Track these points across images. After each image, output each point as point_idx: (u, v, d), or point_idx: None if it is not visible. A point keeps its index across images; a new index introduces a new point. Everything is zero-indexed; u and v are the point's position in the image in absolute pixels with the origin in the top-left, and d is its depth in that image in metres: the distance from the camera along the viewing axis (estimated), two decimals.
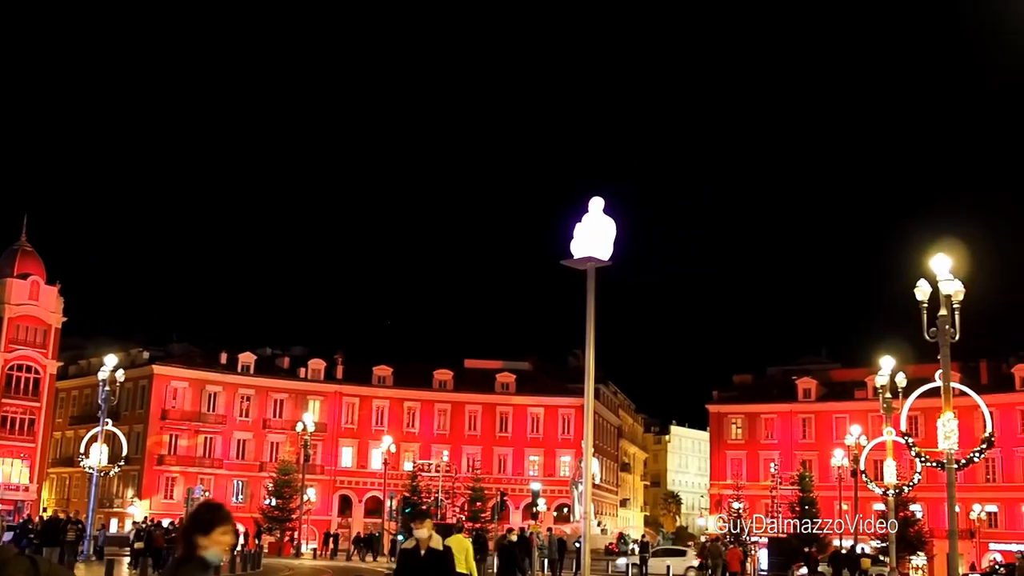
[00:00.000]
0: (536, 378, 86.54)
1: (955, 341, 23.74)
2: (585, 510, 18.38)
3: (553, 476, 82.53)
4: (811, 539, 62.88)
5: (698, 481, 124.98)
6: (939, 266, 22.74)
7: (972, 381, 59.82)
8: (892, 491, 39.84)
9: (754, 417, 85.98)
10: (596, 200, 18.73)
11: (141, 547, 36.67)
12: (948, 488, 25.58)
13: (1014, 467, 73.77)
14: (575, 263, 18.62)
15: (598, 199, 18.66)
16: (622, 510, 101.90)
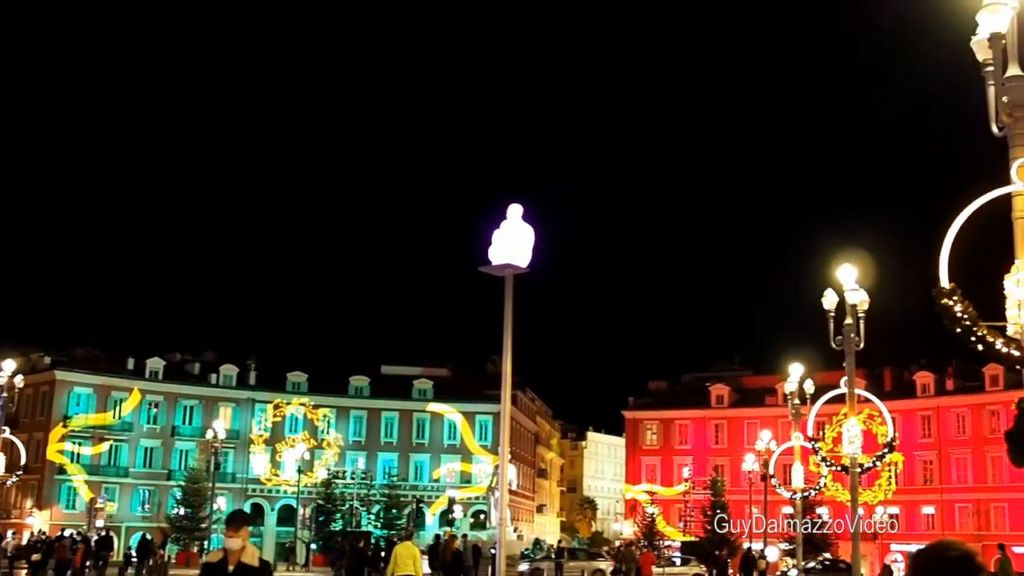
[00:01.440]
0: (454, 384, 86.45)
1: (860, 349, 24.43)
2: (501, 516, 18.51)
3: (470, 483, 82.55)
4: (722, 542, 64.01)
5: (614, 486, 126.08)
6: (845, 276, 23.38)
7: (876, 388, 61.52)
8: (799, 494, 40.79)
9: (669, 423, 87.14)
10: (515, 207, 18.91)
11: (39, 559, 35.78)
12: (852, 491, 26.31)
13: (915, 471, 75.92)
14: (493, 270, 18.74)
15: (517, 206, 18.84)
16: (538, 516, 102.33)
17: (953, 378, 75.41)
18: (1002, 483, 69.57)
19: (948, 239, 11.05)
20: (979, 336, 10.74)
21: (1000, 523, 70.01)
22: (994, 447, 66.80)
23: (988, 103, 11.23)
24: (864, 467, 28.31)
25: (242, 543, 7.67)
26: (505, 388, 19.40)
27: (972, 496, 72.81)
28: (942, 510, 74.46)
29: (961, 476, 74.17)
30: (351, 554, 23.96)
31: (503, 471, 20.06)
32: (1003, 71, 11.11)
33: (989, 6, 10.98)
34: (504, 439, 22.28)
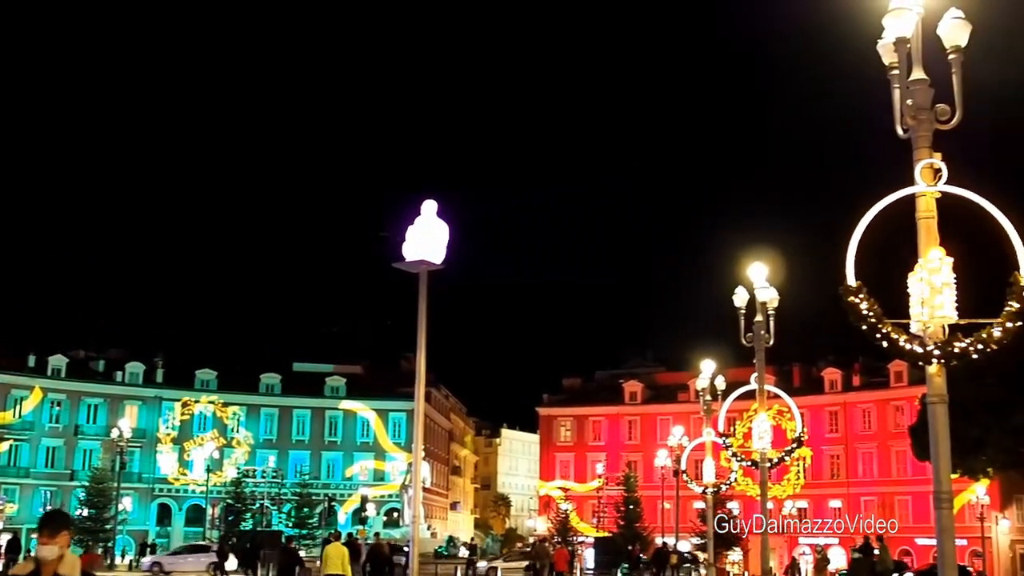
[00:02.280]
0: (367, 382, 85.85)
1: (770, 346, 24.82)
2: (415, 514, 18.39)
3: (383, 481, 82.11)
4: (635, 537, 64.66)
5: (528, 483, 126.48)
6: (755, 274, 23.74)
7: (786, 384, 62.67)
8: (711, 489, 41.37)
9: (582, 419, 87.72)
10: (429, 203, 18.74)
11: None
12: (761, 486, 26.74)
13: (822, 465, 77.60)
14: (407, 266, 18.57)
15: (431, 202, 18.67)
16: (452, 513, 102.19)
17: (859, 374, 77.27)
18: (906, 476, 71.42)
19: (855, 238, 11.24)
20: (884, 333, 10.94)
21: (904, 515, 71.91)
22: (898, 441, 68.61)
23: (893, 106, 11.44)
24: (773, 462, 28.81)
25: (59, 551, 6.07)
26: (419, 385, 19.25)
27: (877, 489, 74.66)
28: (848, 503, 76.21)
29: (867, 470, 76.00)
30: (282, 555, 24.08)
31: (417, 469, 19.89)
32: (908, 74, 11.32)
33: (895, 10, 11.18)
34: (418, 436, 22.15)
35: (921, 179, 11.12)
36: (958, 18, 11.21)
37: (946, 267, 10.91)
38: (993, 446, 49.88)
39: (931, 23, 11.41)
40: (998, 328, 10.80)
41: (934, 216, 11.24)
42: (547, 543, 49.04)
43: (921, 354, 10.93)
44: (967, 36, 11.18)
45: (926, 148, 11.19)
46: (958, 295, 10.90)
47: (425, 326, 18.12)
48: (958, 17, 11.21)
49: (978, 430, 47.41)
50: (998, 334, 10.80)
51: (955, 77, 11.12)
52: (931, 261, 10.94)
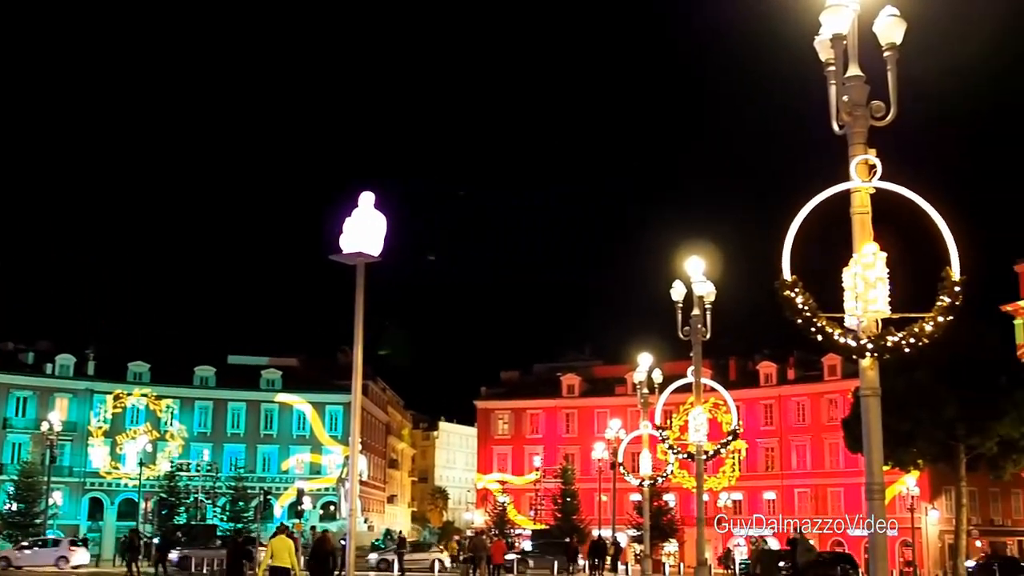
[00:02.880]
0: (303, 374, 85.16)
1: (707, 339, 25.05)
2: (352, 507, 18.22)
3: (320, 474, 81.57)
4: (572, 530, 65.03)
5: (465, 476, 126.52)
6: (693, 268, 23.92)
7: (722, 377, 63.32)
8: (647, 482, 41.69)
9: (520, 413, 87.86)
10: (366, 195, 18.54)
11: None
12: (697, 478, 26.98)
13: (757, 458, 78.57)
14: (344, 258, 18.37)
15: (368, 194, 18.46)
16: (389, 507, 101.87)
17: (794, 368, 78.28)
18: (838, 468, 72.58)
19: (790, 233, 11.34)
20: (819, 327, 11.06)
21: (836, 507, 73.03)
22: (831, 434, 69.65)
23: (830, 102, 11.55)
24: (709, 454, 29.09)
25: None
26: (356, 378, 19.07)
27: (811, 481, 75.76)
28: (782, 495, 77.26)
29: (801, 462, 77.08)
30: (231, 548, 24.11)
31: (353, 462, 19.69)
32: (844, 71, 11.44)
33: (831, 7, 11.28)
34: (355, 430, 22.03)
35: (856, 175, 11.25)
36: (893, 15, 11.34)
37: (880, 262, 11.05)
38: (924, 438, 50.73)
39: (868, 20, 11.54)
40: (930, 323, 10.97)
41: (868, 211, 11.37)
42: (484, 536, 49.13)
43: (854, 348, 11.07)
44: (902, 33, 11.32)
45: (861, 144, 11.32)
46: (891, 290, 11.05)
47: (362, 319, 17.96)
48: (893, 15, 11.34)
49: (909, 423, 48.17)
50: (930, 328, 10.97)
51: (890, 74, 11.25)
52: (865, 256, 11.08)
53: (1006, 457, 52.13)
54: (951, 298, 10.93)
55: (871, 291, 10.96)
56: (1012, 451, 51.34)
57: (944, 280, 11.00)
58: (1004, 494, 69.48)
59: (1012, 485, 66.40)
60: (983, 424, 49.43)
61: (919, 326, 11.00)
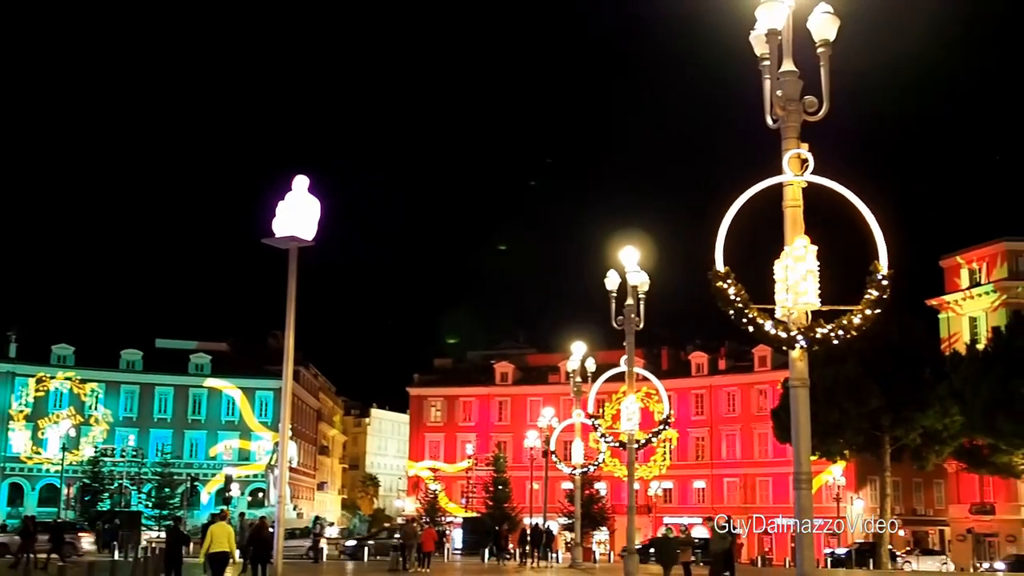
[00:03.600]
0: (233, 359, 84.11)
1: (640, 329, 25.24)
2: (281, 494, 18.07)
3: (248, 460, 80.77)
4: (503, 517, 65.13)
5: (397, 463, 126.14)
6: (627, 258, 24.06)
7: (654, 367, 63.88)
8: (579, 470, 41.96)
9: (453, 400, 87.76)
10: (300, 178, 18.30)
11: None
12: (628, 466, 27.17)
13: (688, 447, 79.40)
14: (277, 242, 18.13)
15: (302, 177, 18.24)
16: (319, 494, 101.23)
17: (725, 358, 79.16)
18: (767, 458, 73.59)
19: (724, 225, 11.43)
20: (750, 318, 11.18)
21: (764, 496, 74.09)
22: (761, 424, 70.59)
23: (764, 96, 11.66)
24: (641, 443, 29.36)
25: None
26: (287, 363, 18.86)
27: (740, 471, 76.75)
28: (712, 484, 78.18)
29: (730, 451, 78.01)
30: (170, 535, 24.19)
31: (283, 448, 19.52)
32: (778, 66, 11.54)
33: (767, 3, 11.36)
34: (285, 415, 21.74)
35: (788, 168, 11.37)
36: (827, 12, 11.48)
37: (810, 255, 11.20)
38: (851, 429, 51.77)
39: (802, 17, 11.65)
40: (858, 315, 11.15)
41: (800, 205, 11.51)
42: (415, 523, 49.01)
43: (785, 339, 11.21)
44: (835, 30, 11.46)
45: (794, 138, 11.45)
46: (821, 282, 11.21)
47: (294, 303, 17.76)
48: (827, 12, 11.48)
49: (837, 413, 49.11)
50: (858, 321, 11.15)
51: (823, 70, 11.39)
52: (796, 249, 11.22)
53: (929, 448, 53.41)
54: (879, 291, 11.11)
55: (801, 283, 11.11)
56: (935, 442, 52.62)
57: (872, 274, 11.19)
58: (927, 484, 71.03)
59: (934, 475, 67.99)
60: (908, 416, 50.57)
61: (847, 318, 11.17)
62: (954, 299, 70.04)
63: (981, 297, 68.02)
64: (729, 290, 11.15)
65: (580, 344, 37.92)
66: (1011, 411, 41.44)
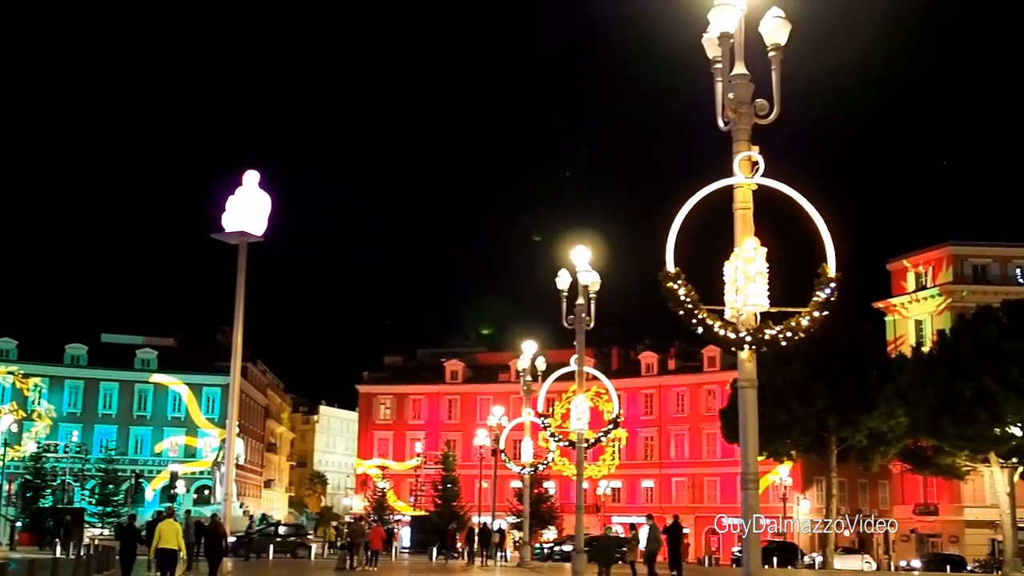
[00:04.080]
0: (180, 355, 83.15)
1: (590, 329, 25.33)
2: (227, 491, 17.90)
3: (195, 457, 79.93)
4: (452, 516, 65.07)
5: (345, 461, 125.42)
6: (578, 258, 24.12)
7: (604, 366, 64.07)
8: (528, 469, 42.04)
9: (403, 398, 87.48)
10: (251, 174, 18.12)
11: None
12: (578, 465, 27.25)
13: (637, 446, 79.77)
14: (226, 237, 17.94)
15: (253, 173, 18.07)
16: (266, 491, 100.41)
17: (675, 358, 79.65)
18: (715, 458, 74.11)
19: (675, 226, 11.49)
20: (700, 319, 11.25)
21: (712, 496, 74.65)
22: (710, 424, 71.06)
23: (716, 99, 11.73)
24: (590, 442, 29.45)
25: None
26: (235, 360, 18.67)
27: (688, 471, 77.23)
28: (661, 484, 78.60)
29: (679, 451, 78.45)
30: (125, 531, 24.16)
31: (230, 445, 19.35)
32: (730, 69, 11.61)
33: (719, 6, 11.42)
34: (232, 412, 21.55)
35: (739, 171, 11.45)
36: (779, 17, 11.56)
37: (760, 257, 11.28)
38: (798, 429, 52.33)
39: (754, 20, 11.73)
40: (806, 317, 11.26)
41: (750, 207, 11.60)
42: (363, 521, 48.81)
43: (734, 340, 11.29)
44: (787, 34, 11.54)
45: (745, 141, 11.52)
46: (770, 284, 11.30)
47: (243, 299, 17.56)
48: (779, 16, 11.56)
49: (784, 414, 49.61)
50: (806, 323, 11.25)
51: (774, 74, 11.47)
52: (746, 250, 11.30)
53: (874, 449, 54.16)
54: (826, 294, 11.23)
55: (751, 285, 11.19)
56: (880, 443, 53.36)
57: (820, 276, 11.30)
58: (872, 485, 71.95)
59: (879, 476, 68.95)
60: (854, 417, 51.23)
61: (796, 320, 11.27)
62: (900, 302, 71.08)
63: (927, 300, 69.10)
64: (679, 291, 11.21)
65: (531, 343, 37.97)
66: (955, 413, 42.08)
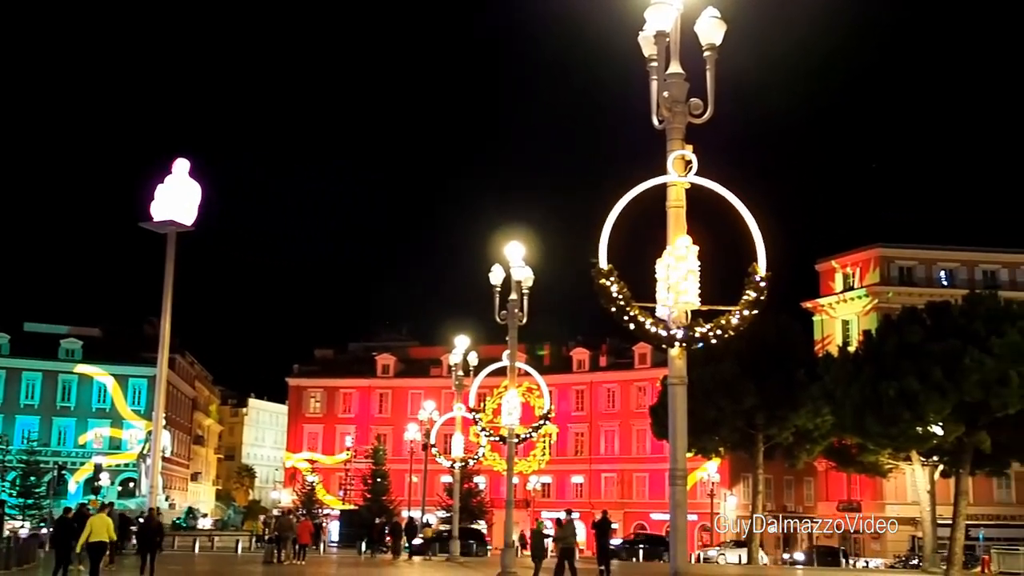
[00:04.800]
0: (106, 345, 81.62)
1: (523, 324, 25.34)
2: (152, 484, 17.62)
3: (120, 449, 78.56)
4: (381, 510, 64.78)
5: (274, 454, 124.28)
6: (512, 254, 24.11)
7: (536, 362, 64.23)
8: (459, 464, 42.01)
9: (333, 391, 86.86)
10: (181, 162, 17.81)
11: None
12: (508, 461, 27.27)
13: (567, 442, 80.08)
14: (155, 226, 17.62)
15: (183, 161, 17.74)
16: (193, 484, 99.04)
17: (606, 355, 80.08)
18: (644, 454, 74.69)
19: (608, 223, 11.51)
20: (631, 316, 11.28)
21: (641, 491, 75.27)
22: (640, 421, 71.57)
23: (651, 97, 11.76)
24: (521, 438, 29.51)
25: None
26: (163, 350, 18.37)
27: (618, 466, 77.73)
28: (590, 479, 79.01)
29: (609, 447, 78.95)
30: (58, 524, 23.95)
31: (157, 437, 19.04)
32: (666, 67, 11.66)
33: (656, 4, 11.46)
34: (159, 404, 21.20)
35: (673, 169, 11.50)
36: (715, 17, 11.62)
37: (692, 255, 11.35)
38: (726, 427, 52.91)
39: (690, 20, 11.79)
40: (736, 315, 11.36)
41: (683, 205, 11.66)
42: (291, 515, 48.36)
43: (665, 337, 11.35)
44: (722, 35, 11.61)
45: (679, 140, 11.57)
46: (702, 282, 11.38)
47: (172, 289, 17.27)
48: (714, 16, 11.62)
49: (713, 411, 50.12)
50: (735, 321, 11.35)
51: (709, 74, 11.54)
52: (678, 248, 11.36)
53: (800, 446, 54.98)
54: (756, 293, 11.33)
55: (682, 283, 11.25)
56: (806, 441, 54.18)
57: (751, 275, 11.40)
58: (797, 482, 73.11)
59: (804, 473, 70.06)
60: (781, 415, 51.95)
61: (726, 318, 11.36)
62: (828, 302, 72.25)
63: (854, 301, 70.33)
64: (612, 287, 11.23)
65: (463, 338, 37.92)
66: (879, 412, 42.85)
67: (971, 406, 40.17)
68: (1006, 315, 42.58)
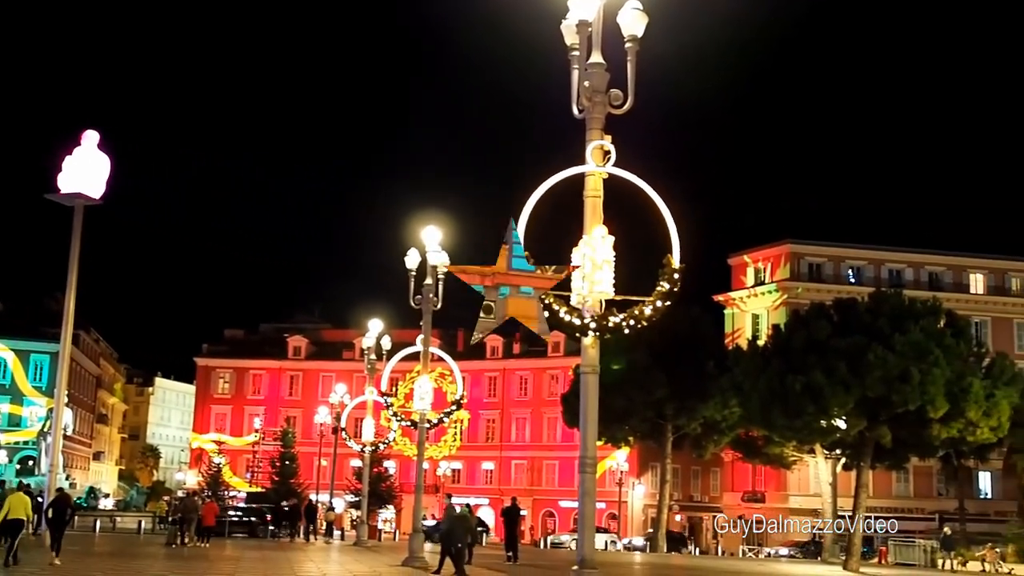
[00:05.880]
0: (6, 320, 79.30)
1: (437, 309, 25.26)
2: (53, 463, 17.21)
3: (19, 427, 76.49)
4: (289, 493, 64.19)
5: (180, 435, 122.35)
6: (428, 238, 24.01)
7: (450, 348, 64.11)
8: (369, 448, 41.81)
9: (243, 372, 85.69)
10: (90, 133, 17.36)
11: None
12: (419, 446, 27.22)
13: (479, 429, 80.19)
14: (61, 199, 17.15)
15: (93, 132, 17.31)
16: (95, 463, 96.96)
17: (520, 342, 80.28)
18: (555, 442, 75.18)
19: (526, 210, 11.53)
20: (546, 304, 11.32)
21: (551, 479, 75.77)
22: (551, 409, 72.00)
23: (571, 86, 11.78)
24: (432, 423, 29.43)
25: None
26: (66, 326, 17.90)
27: (528, 454, 78.10)
28: (501, 466, 79.26)
29: (520, 434, 79.27)
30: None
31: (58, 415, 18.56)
32: (587, 57, 11.69)
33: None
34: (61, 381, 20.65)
35: (591, 159, 11.55)
36: (637, 9, 11.68)
37: (607, 245, 11.42)
38: (637, 416, 53.54)
39: (613, 10, 11.83)
40: (649, 306, 11.46)
41: (600, 195, 11.71)
42: (196, 497, 47.62)
43: (578, 326, 11.41)
44: (644, 27, 11.66)
45: (598, 130, 11.62)
46: (616, 272, 11.46)
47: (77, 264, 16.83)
48: (636, 8, 11.68)
49: (624, 401, 50.64)
50: (648, 312, 11.45)
51: (630, 65, 11.59)
52: (594, 238, 11.42)
53: (708, 437, 55.90)
54: (670, 284, 11.44)
55: (597, 272, 11.32)
56: (714, 432, 55.09)
57: (665, 267, 11.51)
58: (704, 472, 74.27)
59: (711, 464, 71.21)
60: (690, 406, 52.73)
61: (639, 309, 11.46)
62: (739, 296, 73.45)
63: (764, 295, 71.59)
64: None
65: (376, 321, 37.70)
66: (785, 406, 43.61)
67: (873, 401, 41.10)
68: (910, 313, 43.62)
